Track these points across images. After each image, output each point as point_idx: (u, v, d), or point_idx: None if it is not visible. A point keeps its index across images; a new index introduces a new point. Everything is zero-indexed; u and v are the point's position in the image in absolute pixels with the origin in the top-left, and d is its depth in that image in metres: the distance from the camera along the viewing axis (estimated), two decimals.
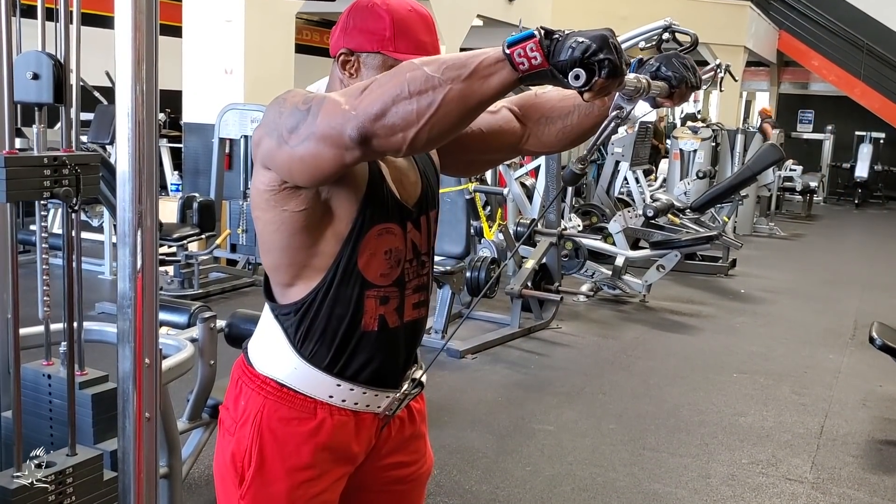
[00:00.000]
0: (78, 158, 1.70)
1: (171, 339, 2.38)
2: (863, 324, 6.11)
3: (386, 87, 1.17)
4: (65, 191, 1.66)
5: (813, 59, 17.33)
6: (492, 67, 1.15)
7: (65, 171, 1.66)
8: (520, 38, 1.13)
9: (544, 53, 1.12)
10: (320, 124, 1.22)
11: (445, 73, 1.15)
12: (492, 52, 1.15)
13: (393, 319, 1.49)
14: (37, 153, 1.66)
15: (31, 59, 1.69)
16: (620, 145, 8.61)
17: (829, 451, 3.91)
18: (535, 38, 1.12)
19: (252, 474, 1.46)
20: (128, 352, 1.24)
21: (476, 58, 1.16)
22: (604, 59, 1.10)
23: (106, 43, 2.51)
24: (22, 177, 1.59)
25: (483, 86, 1.15)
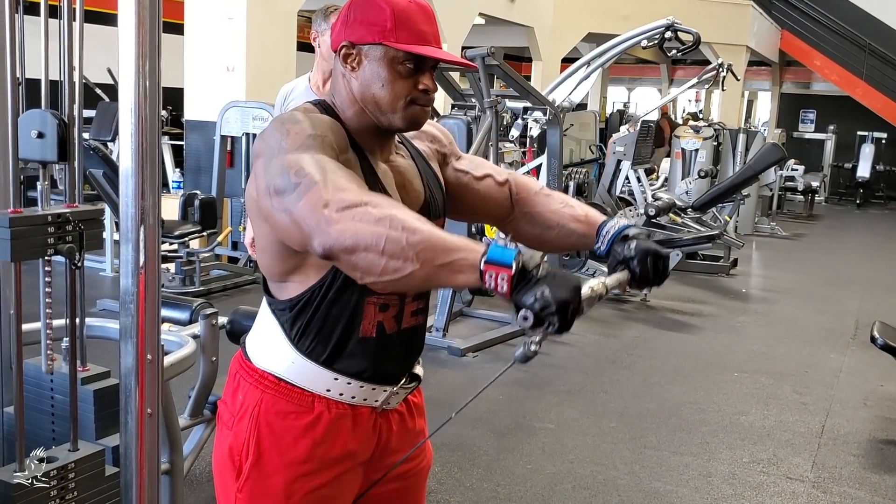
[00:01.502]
0: (81, 214, 1.72)
1: (173, 336, 2.39)
2: (864, 323, 6.11)
3: (365, 228, 1.19)
4: (68, 248, 1.68)
5: (815, 58, 17.31)
6: (464, 269, 1.20)
7: (68, 228, 1.68)
8: (499, 261, 1.18)
9: (511, 288, 1.18)
10: (299, 211, 1.24)
11: (422, 253, 1.18)
12: (471, 253, 1.19)
13: (391, 326, 1.49)
14: (41, 211, 1.67)
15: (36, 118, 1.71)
16: (622, 144, 8.60)
17: (830, 451, 3.91)
18: (510, 270, 1.17)
19: (249, 467, 1.46)
20: (130, 348, 1.25)
21: (455, 252, 1.20)
22: (557, 322, 1.18)
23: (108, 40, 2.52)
24: (26, 236, 1.62)
25: (448, 278, 1.21)
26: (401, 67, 1.41)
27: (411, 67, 1.41)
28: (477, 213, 1.68)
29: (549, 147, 6.25)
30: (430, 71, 1.44)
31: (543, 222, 1.62)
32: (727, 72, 9.12)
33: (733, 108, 16.29)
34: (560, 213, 1.61)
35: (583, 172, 9.09)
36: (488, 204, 1.65)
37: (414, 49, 1.39)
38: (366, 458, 1.53)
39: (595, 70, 6.97)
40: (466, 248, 1.20)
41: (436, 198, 1.57)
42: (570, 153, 9.58)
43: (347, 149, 1.41)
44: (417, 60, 1.41)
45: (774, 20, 17.31)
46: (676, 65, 19.39)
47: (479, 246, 1.20)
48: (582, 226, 1.58)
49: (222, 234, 6.44)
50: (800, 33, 17.41)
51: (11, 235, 1.58)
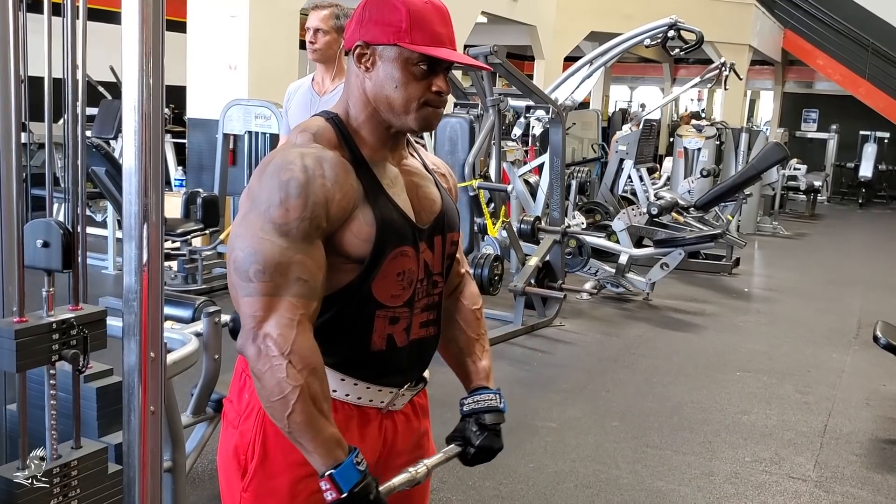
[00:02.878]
0: (85, 318, 1.73)
1: (176, 334, 2.38)
2: (866, 323, 6.11)
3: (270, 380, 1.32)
4: (73, 354, 1.69)
5: (818, 58, 17.28)
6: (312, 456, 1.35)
7: (73, 332, 1.69)
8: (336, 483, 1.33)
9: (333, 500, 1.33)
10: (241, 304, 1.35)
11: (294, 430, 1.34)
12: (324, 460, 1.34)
13: (401, 339, 1.49)
14: (45, 318, 1.68)
15: (41, 228, 1.72)
16: (625, 143, 8.60)
17: (832, 450, 3.90)
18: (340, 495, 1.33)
19: (255, 467, 1.46)
20: (133, 345, 1.24)
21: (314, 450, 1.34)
22: None
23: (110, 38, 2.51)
24: (31, 346, 1.63)
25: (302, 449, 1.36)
26: (415, 69, 1.40)
27: (425, 69, 1.40)
28: None
29: (551, 146, 6.24)
30: (444, 73, 1.43)
31: (455, 336, 1.71)
32: (730, 71, 9.11)
33: (736, 107, 16.27)
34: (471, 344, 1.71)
35: (585, 171, 9.10)
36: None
37: (429, 51, 1.38)
38: (372, 461, 1.53)
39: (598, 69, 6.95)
40: (325, 454, 1.33)
41: (452, 210, 1.58)
42: (573, 152, 9.58)
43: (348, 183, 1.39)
44: (432, 62, 1.40)
45: (777, 19, 17.29)
46: (679, 64, 19.37)
47: (342, 454, 1.34)
48: (472, 372, 1.69)
49: (225, 233, 6.44)
50: (803, 32, 17.39)
51: (17, 347, 1.60)
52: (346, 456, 1.33)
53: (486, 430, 1.60)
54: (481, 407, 1.62)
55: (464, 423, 1.62)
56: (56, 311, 1.72)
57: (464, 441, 1.60)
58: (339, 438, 1.35)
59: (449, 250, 1.57)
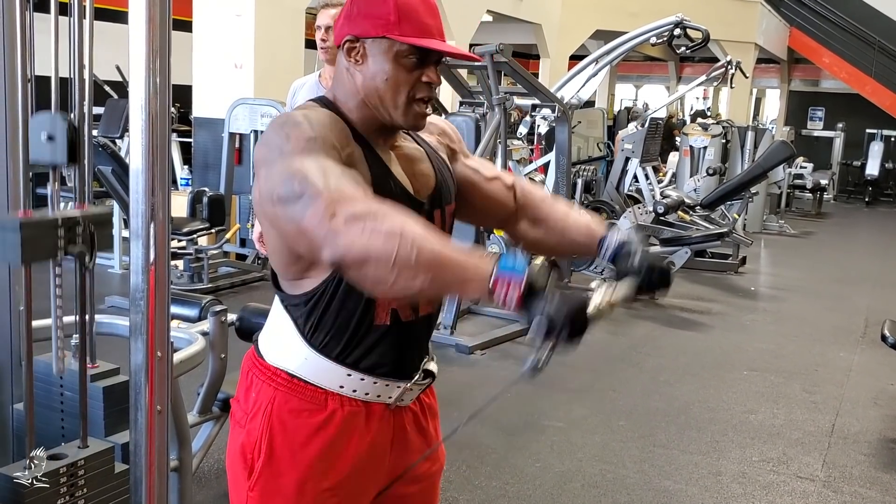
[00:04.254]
0: (92, 216, 1.71)
1: (182, 333, 2.39)
2: (874, 321, 6.08)
3: (375, 242, 1.19)
4: (79, 250, 1.68)
5: (824, 56, 17.24)
6: (473, 282, 1.22)
7: (79, 230, 1.68)
8: (508, 276, 1.20)
9: (520, 298, 1.21)
10: (306, 221, 1.25)
11: (432, 268, 1.20)
12: (480, 269, 1.21)
13: (406, 314, 1.48)
14: (51, 214, 1.67)
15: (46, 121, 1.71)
16: (630, 141, 8.58)
17: (840, 450, 3.89)
18: (519, 288, 1.20)
19: (262, 466, 1.46)
20: (140, 345, 1.24)
21: (464, 267, 1.22)
22: (565, 337, 1.22)
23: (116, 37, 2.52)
24: (37, 239, 1.61)
25: (456, 289, 1.26)
26: (405, 61, 1.40)
27: (416, 61, 1.40)
28: (480, 212, 1.67)
29: (557, 144, 6.24)
30: (434, 64, 1.44)
31: (546, 227, 1.64)
32: (736, 69, 9.08)
33: (742, 105, 16.25)
34: (564, 220, 1.63)
35: (591, 170, 9.08)
36: (493, 205, 1.66)
37: (418, 42, 1.39)
38: (381, 456, 1.52)
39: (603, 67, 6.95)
40: (476, 264, 1.22)
41: (447, 182, 1.57)
42: (578, 150, 9.56)
43: (350, 142, 1.40)
44: (422, 54, 1.40)
45: (783, 17, 17.25)
46: (685, 62, 19.33)
47: (489, 260, 1.22)
48: (583, 236, 1.61)
49: (230, 231, 6.45)
50: (809, 31, 17.35)
51: (22, 239, 1.57)
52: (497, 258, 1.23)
53: (636, 254, 1.50)
54: (616, 245, 1.53)
55: (617, 269, 1.51)
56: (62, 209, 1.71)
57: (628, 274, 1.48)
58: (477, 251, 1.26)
59: (448, 222, 1.57)
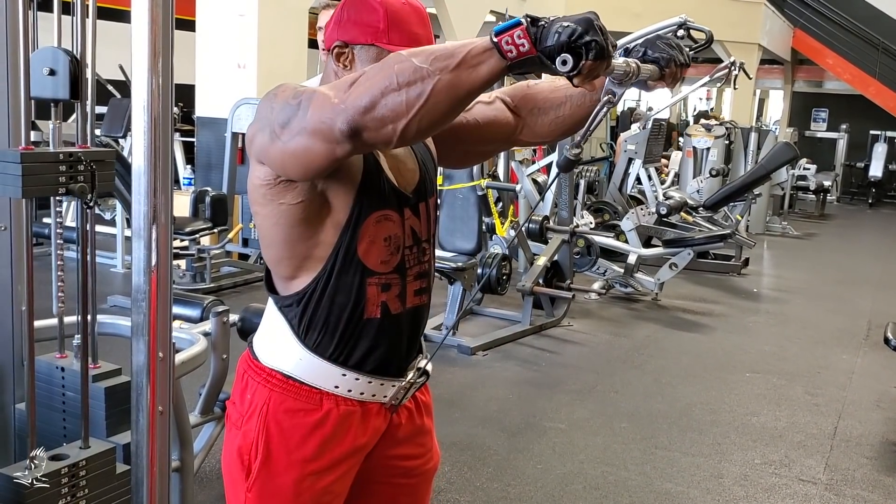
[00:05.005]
0: (93, 154, 1.70)
1: (184, 334, 2.38)
2: (877, 324, 6.07)
3: (374, 80, 1.19)
4: (80, 187, 1.66)
5: (827, 57, 17.22)
6: (480, 56, 1.16)
7: (80, 168, 1.67)
8: (507, 27, 1.14)
9: (531, 40, 1.13)
10: (311, 119, 1.24)
11: (434, 64, 1.16)
12: (479, 41, 1.16)
13: (395, 306, 1.49)
14: (52, 149, 1.66)
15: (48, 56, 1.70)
16: (633, 142, 8.57)
17: (842, 453, 3.88)
18: (521, 25, 1.13)
19: (258, 467, 1.47)
20: (142, 345, 1.24)
21: (464, 47, 1.16)
22: (590, 41, 1.11)
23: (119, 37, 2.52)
24: (38, 173, 1.60)
25: (472, 74, 1.16)
26: None
27: None
28: (486, 142, 1.64)
29: (559, 145, 6.22)
30: None
31: (551, 105, 1.58)
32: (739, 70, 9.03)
33: (745, 106, 16.23)
34: (560, 89, 1.56)
35: (594, 171, 9.08)
36: (491, 128, 1.61)
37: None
38: (373, 447, 1.54)
39: None
40: (471, 41, 1.17)
41: (430, 175, 1.57)
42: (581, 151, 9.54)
43: None
44: None
45: (787, 18, 17.23)
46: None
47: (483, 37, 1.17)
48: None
49: (233, 231, 6.45)
50: (812, 32, 17.33)
51: (23, 171, 1.56)
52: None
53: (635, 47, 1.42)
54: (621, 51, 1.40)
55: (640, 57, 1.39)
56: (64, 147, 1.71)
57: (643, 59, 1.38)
58: None
59: (433, 214, 1.57)
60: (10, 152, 1.61)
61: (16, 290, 1.90)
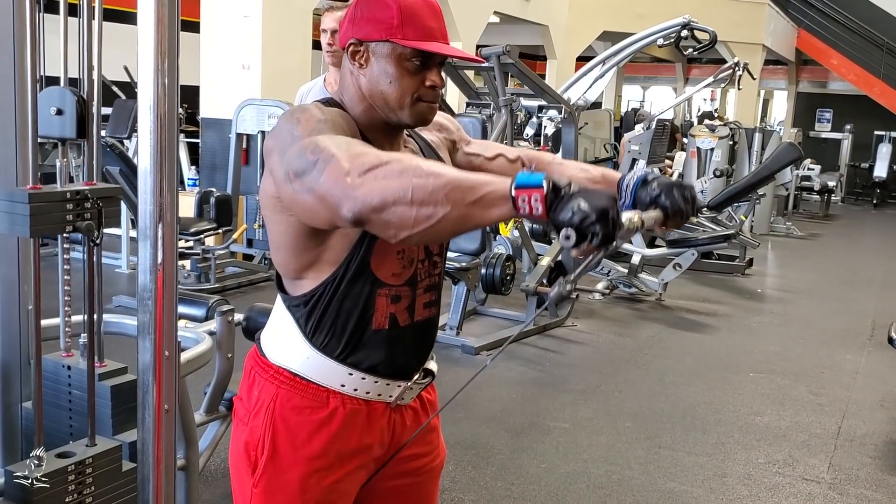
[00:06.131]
0: (100, 192, 1.72)
1: (190, 333, 2.40)
2: (881, 324, 6.07)
3: (390, 184, 1.18)
4: (87, 225, 1.69)
5: (832, 57, 17.20)
6: (496, 201, 1.17)
7: (87, 205, 1.69)
8: (528, 184, 1.15)
9: (546, 207, 1.15)
10: (322, 185, 1.24)
11: (451, 194, 1.16)
12: (499, 184, 1.17)
13: (404, 318, 1.50)
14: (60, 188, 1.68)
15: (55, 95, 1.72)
16: (637, 143, 8.57)
17: (846, 452, 3.88)
18: (542, 189, 1.14)
19: (265, 463, 1.47)
20: (148, 344, 1.25)
21: (483, 186, 1.17)
22: (598, 230, 1.13)
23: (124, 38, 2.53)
24: (45, 212, 1.62)
25: (483, 214, 1.18)
26: (408, 64, 1.41)
27: (419, 64, 1.42)
28: None
29: (563, 145, 6.23)
30: (437, 67, 1.45)
31: None
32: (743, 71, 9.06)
33: (749, 107, 16.21)
34: (577, 177, 1.58)
35: None
36: None
37: (421, 45, 1.40)
38: (380, 454, 1.54)
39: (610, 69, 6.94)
40: (493, 182, 1.18)
41: None
42: (585, 152, 9.56)
43: (357, 137, 1.41)
44: (425, 57, 1.42)
45: (791, 19, 17.21)
46: (692, 63, 19.30)
47: (505, 179, 1.18)
48: (602, 184, 1.56)
49: (237, 232, 6.46)
50: (816, 32, 17.30)
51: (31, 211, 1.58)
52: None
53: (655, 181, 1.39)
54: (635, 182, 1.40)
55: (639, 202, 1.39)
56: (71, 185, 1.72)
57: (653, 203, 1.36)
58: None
59: None
60: (18, 192, 1.63)
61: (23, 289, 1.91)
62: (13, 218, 1.60)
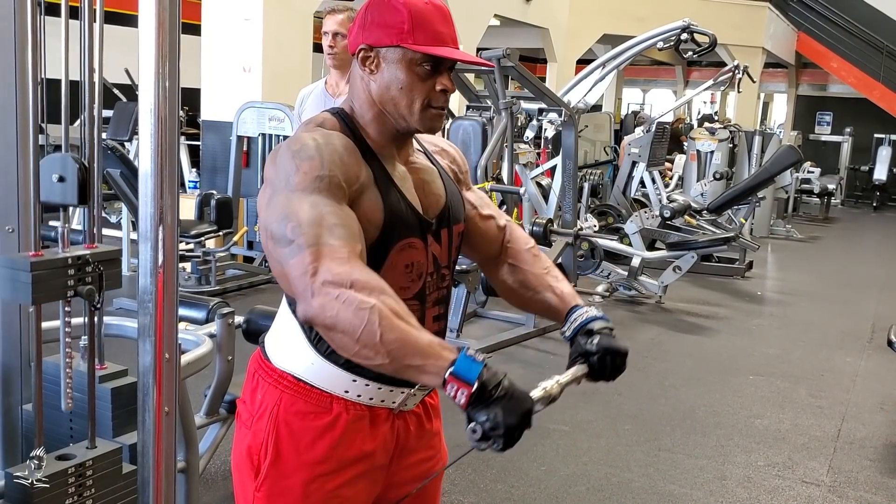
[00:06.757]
0: (100, 255, 1.73)
1: (190, 335, 2.40)
2: (881, 327, 6.07)
3: (345, 314, 1.24)
4: (88, 290, 1.69)
5: (832, 60, 17.21)
6: (430, 373, 1.25)
7: (88, 269, 1.69)
8: (462, 378, 1.23)
9: (468, 402, 1.23)
10: (289, 269, 1.30)
11: (394, 352, 1.24)
12: (439, 362, 1.24)
13: None
14: (61, 254, 1.68)
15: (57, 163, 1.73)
16: (637, 146, 8.58)
17: (846, 455, 3.88)
18: (470, 388, 1.22)
19: (268, 467, 1.47)
20: (148, 346, 1.25)
21: (425, 357, 1.24)
22: (500, 445, 1.23)
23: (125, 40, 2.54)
24: (47, 279, 1.63)
25: (414, 376, 1.27)
26: (419, 69, 1.41)
27: (429, 69, 1.42)
28: (467, 246, 1.68)
29: (563, 148, 6.24)
30: (448, 72, 1.45)
31: (523, 279, 1.66)
32: (743, 74, 9.08)
33: (749, 110, 16.22)
34: (541, 278, 1.65)
35: (597, 174, 9.09)
36: (482, 242, 1.68)
37: (432, 51, 1.40)
38: (384, 461, 1.54)
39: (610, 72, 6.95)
40: (436, 356, 1.25)
41: (457, 202, 1.58)
42: (585, 154, 9.56)
43: (360, 167, 1.41)
44: (435, 62, 1.42)
45: (791, 22, 17.22)
46: (692, 66, 19.32)
47: (451, 353, 1.25)
48: (556, 301, 1.62)
49: (238, 234, 6.47)
50: (816, 35, 17.32)
51: (33, 280, 1.60)
52: (458, 353, 1.26)
53: (597, 335, 1.51)
54: (583, 321, 1.54)
55: (576, 344, 1.52)
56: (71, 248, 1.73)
57: (585, 355, 1.49)
58: (442, 342, 1.29)
59: (455, 242, 1.58)
60: (20, 261, 1.63)
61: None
62: (15, 285, 1.62)
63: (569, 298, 1.62)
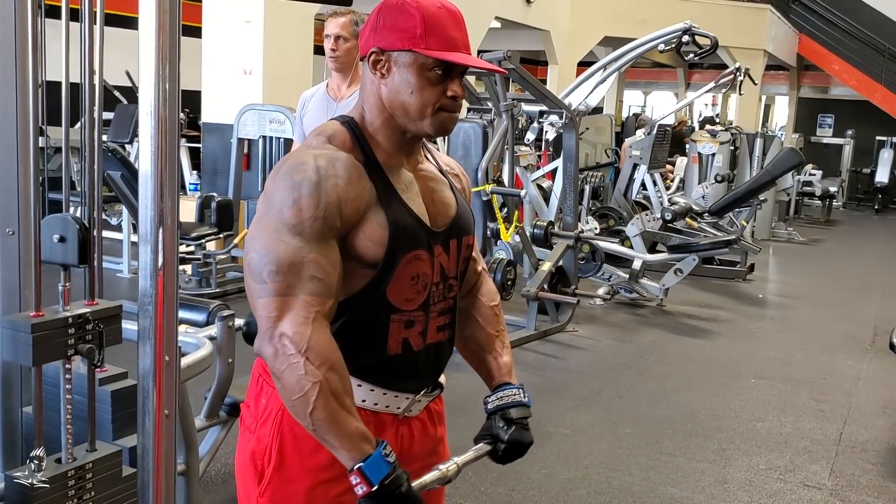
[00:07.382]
0: (100, 313, 1.74)
1: (190, 337, 2.39)
2: (882, 330, 6.06)
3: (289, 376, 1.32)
4: (88, 349, 1.70)
5: (833, 63, 17.21)
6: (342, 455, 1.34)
7: (88, 328, 1.70)
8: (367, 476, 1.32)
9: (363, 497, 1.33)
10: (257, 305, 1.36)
11: (318, 427, 1.33)
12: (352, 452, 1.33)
13: (417, 343, 1.49)
14: (62, 312, 1.69)
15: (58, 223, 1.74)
16: (638, 148, 8.58)
17: (847, 458, 3.87)
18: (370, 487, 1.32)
19: (272, 472, 1.46)
20: (148, 349, 1.25)
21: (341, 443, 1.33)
22: None
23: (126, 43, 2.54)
24: (47, 340, 1.64)
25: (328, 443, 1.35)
26: (430, 74, 1.40)
27: (440, 74, 1.40)
28: None
29: (564, 151, 6.23)
30: (459, 77, 1.44)
31: (476, 336, 1.69)
32: (744, 76, 9.07)
33: (750, 112, 16.22)
34: (491, 341, 1.69)
35: (598, 176, 9.08)
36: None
37: (444, 56, 1.39)
38: None
39: (611, 74, 6.95)
40: (352, 447, 1.33)
41: (467, 213, 1.58)
42: (586, 157, 9.57)
43: (364, 191, 1.40)
44: (447, 67, 1.40)
45: (792, 24, 17.23)
46: (693, 69, 19.32)
47: (368, 447, 1.33)
48: (494, 369, 1.68)
49: (239, 236, 6.47)
50: (818, 37, 17.32)
51: (34, 341, 1.61)
52: (374, 449, 1.33)
53: (513, 425, 1.60)
54: (506, 403, 1.62)
55: (490, 421, 1.61)
56: (72, 305, 1.73)
57: (492, 438, 1.59)
58: (365, 432, 1.34)
59: (464, 253, 1.57)
60: (21, 322, 1.64)
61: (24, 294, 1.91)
62: (16, 346, 1.64)
63: (504, 372, 1.67)
